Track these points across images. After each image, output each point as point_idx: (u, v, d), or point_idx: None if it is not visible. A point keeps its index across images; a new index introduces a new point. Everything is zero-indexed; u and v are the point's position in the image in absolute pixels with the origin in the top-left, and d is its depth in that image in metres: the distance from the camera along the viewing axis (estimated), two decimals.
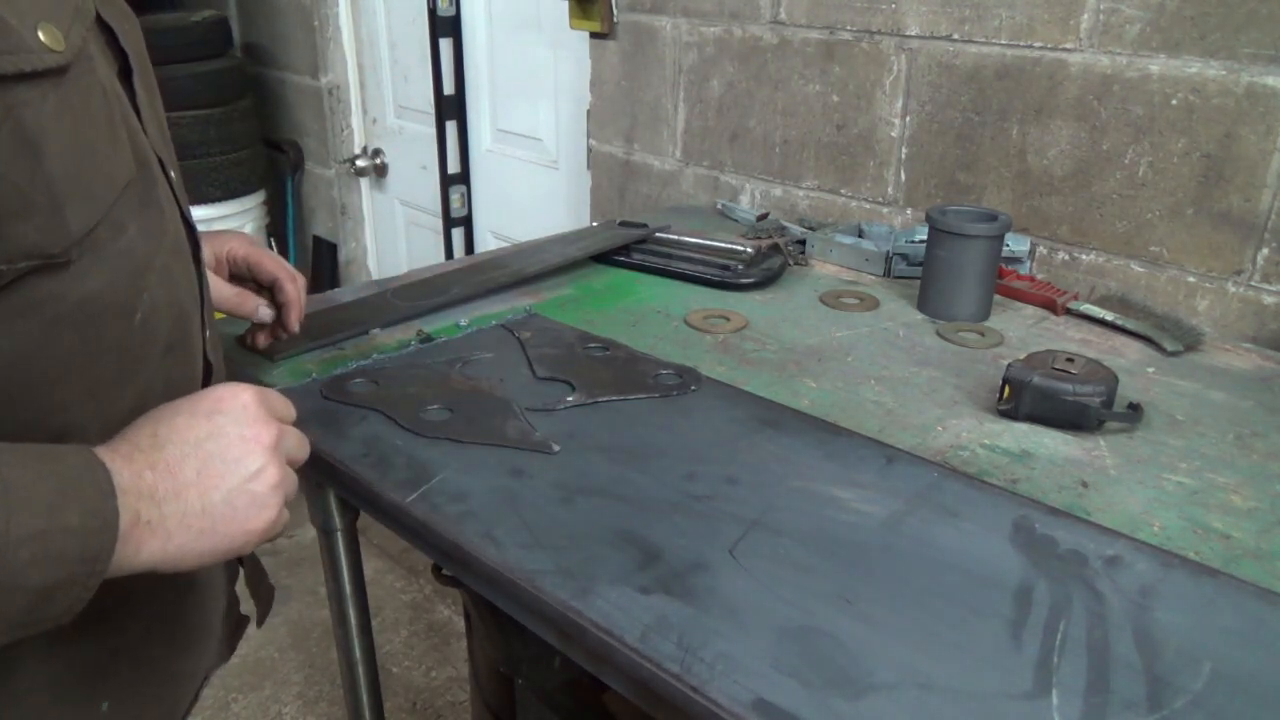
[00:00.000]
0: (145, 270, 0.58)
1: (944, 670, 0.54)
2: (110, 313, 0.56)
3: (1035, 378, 0.83)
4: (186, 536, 0.53)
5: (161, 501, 0.52)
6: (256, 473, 0.56)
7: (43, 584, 0.46)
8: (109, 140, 0.55)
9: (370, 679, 1.04)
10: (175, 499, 0.53)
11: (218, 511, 0.54)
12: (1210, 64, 1.04)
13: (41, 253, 0.50)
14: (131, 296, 0.57)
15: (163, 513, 0.52)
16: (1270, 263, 1.06)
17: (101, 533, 0.48)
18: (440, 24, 2.13)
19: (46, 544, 0.46)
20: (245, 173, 2.52)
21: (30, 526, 0.45)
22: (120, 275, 0.56)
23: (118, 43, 0.59)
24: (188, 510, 0.53)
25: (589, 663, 0.59)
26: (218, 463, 0.55)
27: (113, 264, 0.55)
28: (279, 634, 2.11)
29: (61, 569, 0.47)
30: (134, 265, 0.57)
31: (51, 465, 0.48)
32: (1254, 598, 0.61)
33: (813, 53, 1.40)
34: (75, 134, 0.51)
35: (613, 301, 1.13)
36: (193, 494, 0.53)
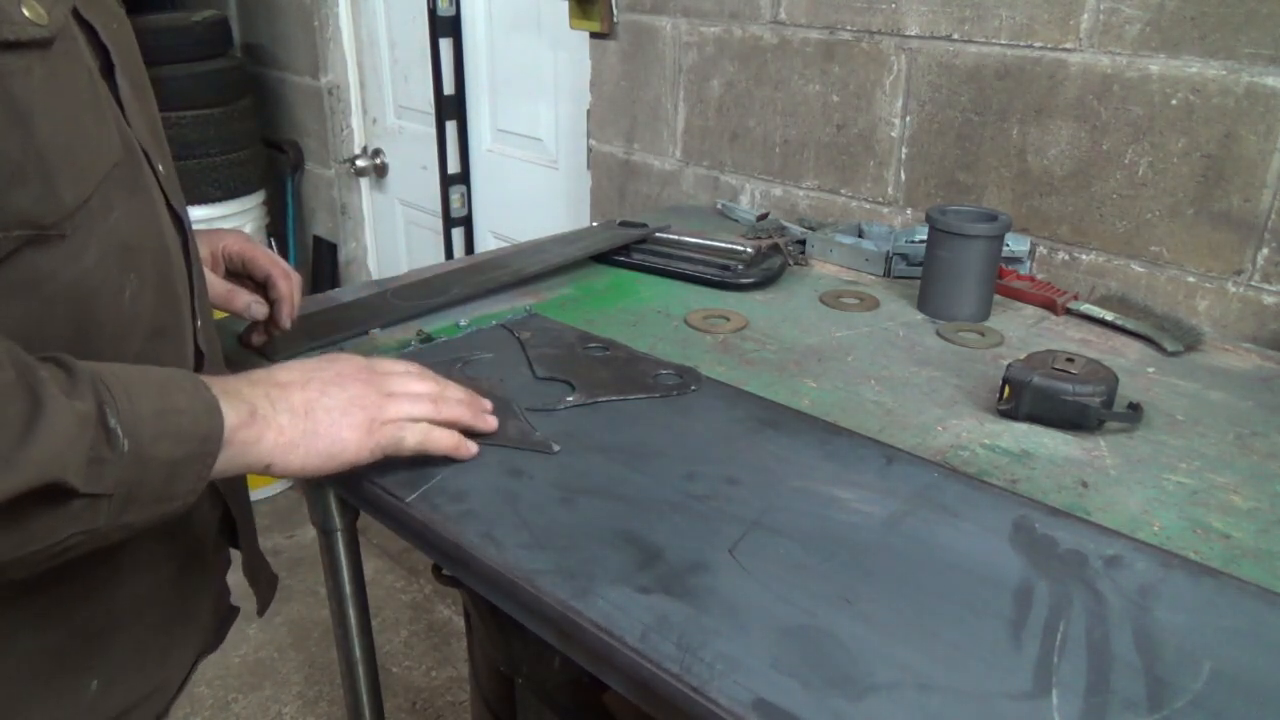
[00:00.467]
0: (133, 250, 0.60)
1: (944, 670, 0.54)
2: (101, 291, 0.58)
3: (1035, 378, 0.83)
4: (294, 433, 0.62)
5: (274, 402, 0.62)
6: (356, 396, 0.67)
7: (170, 457, 0.53)
8: (95, 118, 0.57)
9: (370, 679, 1.04)
10: (284, 399, 0.63)
11: (319, 415, 0.64)
12: (1210, 64, 1.04)
13: (36, 223, 0.53)
14: (120, 274, 0.59)
15: (275, 409, 0.62)
16: (1270, 263, 1.06)
17: (209, 414, 0.56)
18: (440, 24, 2.13)
19: (166, 421, 0.53)
20: (245, 173, 2.52)
21: (150, 406, 0.53)
22: (110, 253, 0.58)
23: (99, 40, 0.61)
24: (294, 409, 0.63)
25: (589, 663, 0.59)
26: (321, 383, 0.66)
27: (103, 241, 0.58)
28: (279, 634, 2.11)
29: (182, 445, 0.54)
30: (122, 243, 0.59)
31: (150, 369, 0.56)
32: (1254, 598, 0.61)
33: (813, 53, 1.40)
34: (63, 107, 0.54)
35: (613, 301, 1.13)
36: (298, 395, 0.64)
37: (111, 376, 0.52)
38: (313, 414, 0.64)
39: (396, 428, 0.68)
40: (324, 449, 0.64)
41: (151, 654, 0.70)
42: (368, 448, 0.67)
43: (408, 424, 0.69)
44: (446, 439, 0.72)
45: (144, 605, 0.69)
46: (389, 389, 0.69)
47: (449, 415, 0.73)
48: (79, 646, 0.64)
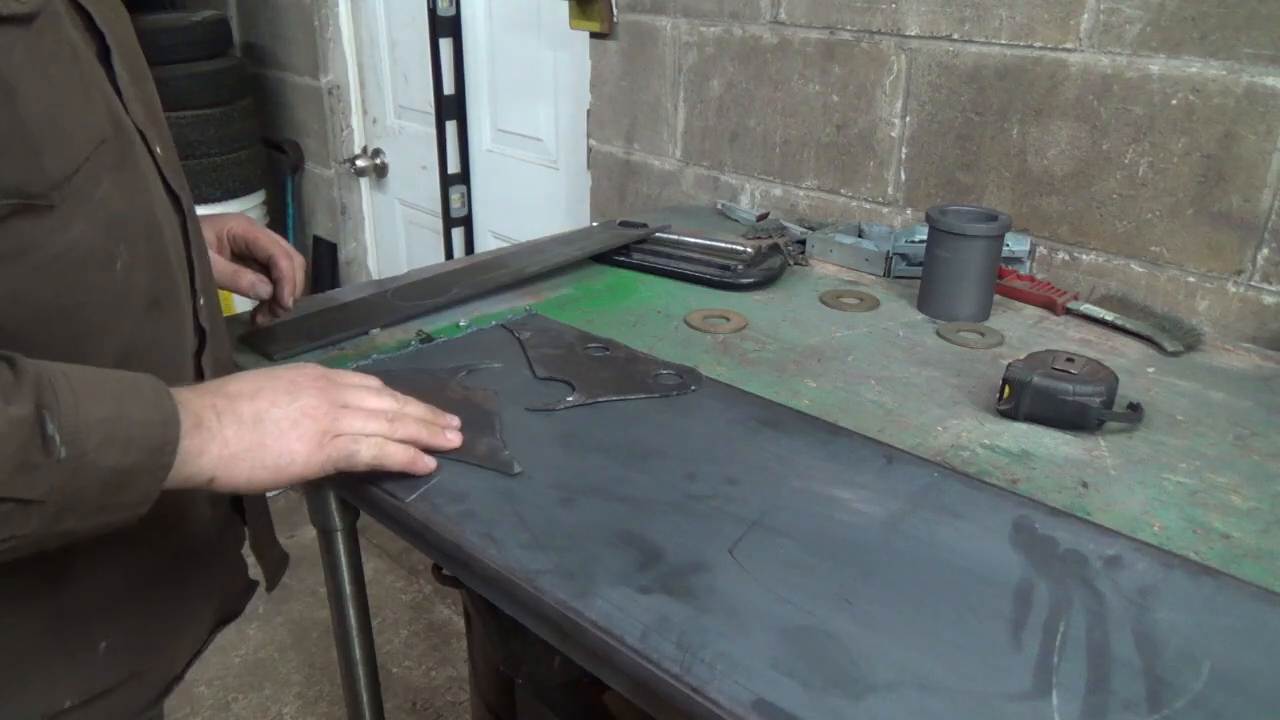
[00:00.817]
0: (123, 223, 0.62)
1: (944, 670, 0.54)
2: (90, 261, 0.59)
3: (1035, 378, 0.83)
4: (240, 445, 0.61)
5: (220, 413, 0.60)
6: (308, 407, 0.65)
7: (116, 466, 0.52)
8: (80, 95, 0.58)
9: (370, 679, 1.04)
10: (231, 410, 0.61)
11: (267, 427, 0.62)
12: (1210, 64, 1.04)
13: (22, 192, 0.54)
14: (110, 245, 0.61)
15: (221, 421, 0.60)
16: (1270, 263, 1.06)
17: (164, 425, 0.56)
18: (440, 24, 2.13)
19: (114, 429, 0.52)
20: (245, 173, 2.52)
21: (99, 413, 0.52)
22: (98, 225, 0.59)
23: (95, 24, 0.62)
24: (242, 420, 0.61)
25: (589, 663, 0.59)
26: (271, 392, 0.64)
27: (91, 214, 0.59)
28: (279, 634, 2.11)
29: (130, 455, 0.53)
30: (111, 216, 0.60)
31: (114, 373, 0.56)
32: (1254, 598, 0.61)
33: (813, 53, 1.40)
34: (45, 83, 0.55)
35: (613, 301, 1.13)
36: (246, 406, 0.62)
37: (63, 379, 0.52)
38: (261, 425, 0.62)
39: (349, 441, 0.66)
40: (271, 462, 0.62)
41: (158, 624, 0.72)
42: (318, 461, 0.65)
43: (362, 438, 0.67)
44: (401, 454, 0.70)
45: (148, 579, 0.70)
46: (344, 401, 0.67)
47: (405, 433, 0.70)
48: (91, 610, 0.66)
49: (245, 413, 0.62)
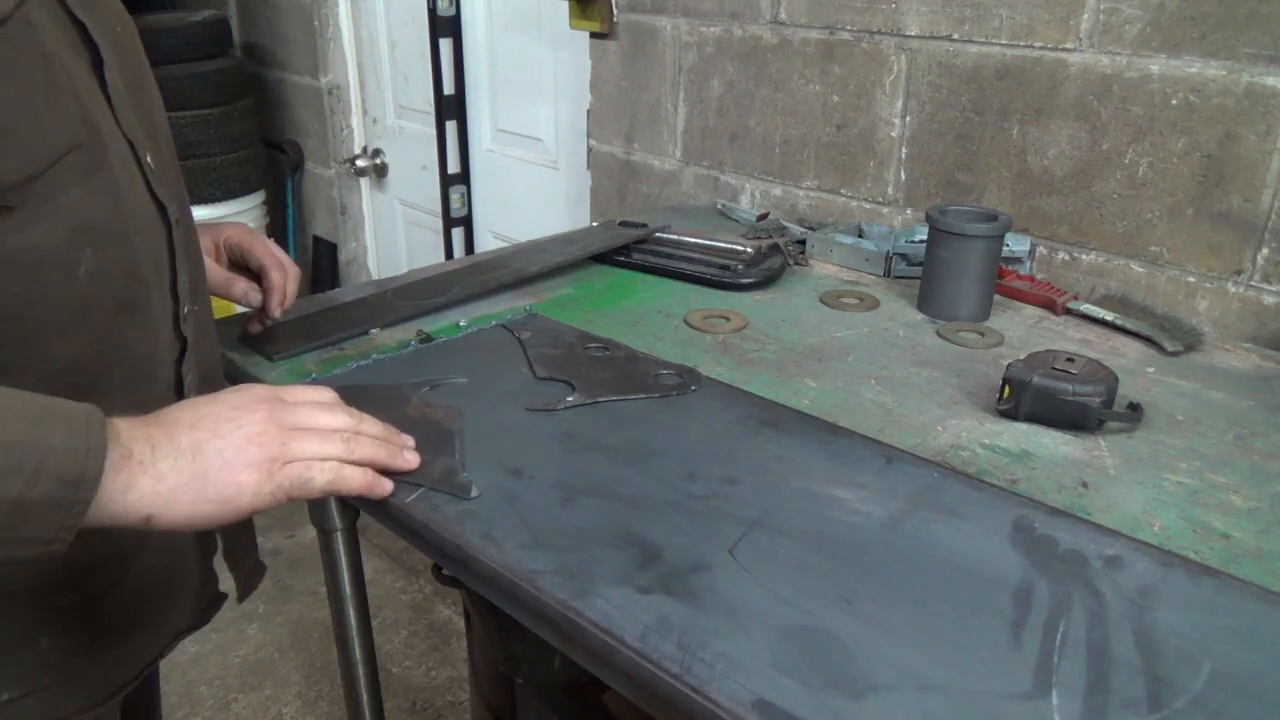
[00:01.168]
0: (90, 229, 0.61)
1: (944, 670, 0.54)
2: (49, 264, 0.59)
3: (1035, 378, 0.83)
4: (178, 479, 0.56)
5: (155, 445, 0.56)
6: (254, 434, 0.60)
7: (19, 496, 0.48)
8: (47, 102, 0.58)
9: (370, 679, 1.04)
10: (168, 441, 0.56)
11: (208, 458, 0.57)
12: (1210, 64, 1.04)
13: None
14: (74, 250, 0.60)
15: (155, 454, 0.55)
16: (1270, 263, 1.06)
17: (85, 457, 0.51)
18: (440, 24, 2.13)
19: (22, 455, 0.48)
20: (245, 173, 2.52)
21: (5, 436, 0.48)
22: (61, 229, 0.59)
23: (89, 36, 0.63)
24: (179, 451, 0.56)
25: (589, 663, 0.59)
26: (213, 420, 0.59)
27: (54, 217, 0.59)
28: (279, 634, 2.11)
29: (40, 486, 0.49)
30: (77, 223, 0.60)
31: (40, 399, 0.52)
32: (1254, 598, 0.61)
33: (813, 53, 1.40)
34: (7, 89, 0.55)
35: (613, 301, 1.13)
36: (184, 437, 0.57)
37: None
38: (201, 456, 0.57)
39: (302, 468, 0.62)
40: (215, 494, 0.57)
41: (107, 626, 0.71)
42: (268, 491, 0.60)
43: (315, 463, 0.62)
44: (358, 478, 0.66)
45: (97, 580, 0.69)
46: (294, 423, 0.63)
47: (362, 455, 0.66)
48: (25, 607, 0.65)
49: (183, 443, 0.57)
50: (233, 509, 0.59)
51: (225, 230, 0.92)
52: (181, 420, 0.58)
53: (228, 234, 0.92)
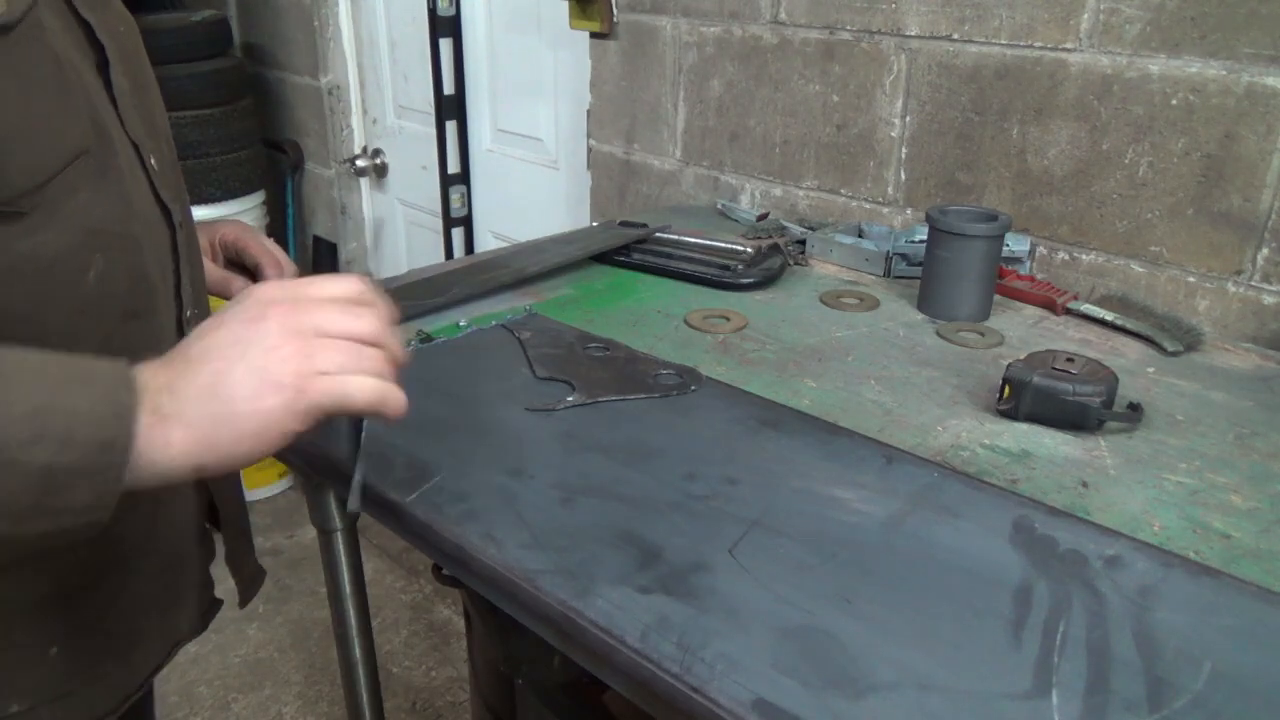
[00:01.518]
0: (100, 233, 0.61)
1: (944, 670, 0.54)
2: (58, 267, 0.58)
3: (1035, 378, 0.83)
4: (207, 423, 0.51)
5: (176, 391, 0.51)
6: (270, 349, 0.52)
7: (48, 463, 0.45)
8: (58, 105, 0.57)
9: (370, 679, 1.04)
10: (187, 383, 0.51)
11: (231, 389, 0.51)
12: (1210, 64, 1.04)
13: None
14: (84, 255, 0.60)
15: (178, 401, 0.51)
16: (1270, 263, 1.06)
17: (116, 420, 0.48)
18: (440, 24, 2.13)
19: (48, 422, 0.46)
20: (245, 173, 2.52)
21: (26, 405, 0.45)
22: (72, 234, 0.59)
23: (95, 36, 0.62)
24: (200, 391, 0.51)
25: (589, 663, 0.59)
26: (225, 346, 0.53)
27: (64, 222, 0.58)
28: (279, 634, 2.11)
29: (68, 452, 0.46)
30: (87, 227, 0.60)
31: (65, 360, 0.49)
32: (1254, 598, 0.61)
33: (813, 53, 1.40)
34: (18, 92, 0.54)
35: (613, 301, 1.13)
36: (201, 373, 0.52)
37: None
38: (222, 389, 0.51)
39: (337, 383, 0.54)
40: (250, 428, 0.52)
41: (117, 630, 0.70)
42: (301, 409, 0.53)
43: (350, 378, 0.55)
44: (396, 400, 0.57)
45: (118, 600, 0.69)
46: (315, 327, 0.55)
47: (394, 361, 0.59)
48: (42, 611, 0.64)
49: (202, 381, 0.51)
50: (273, 437, 0.53)
51: (220, 228, 0.92)
52: (193, 355, 0.53)
53: (223, 232, 0.91)
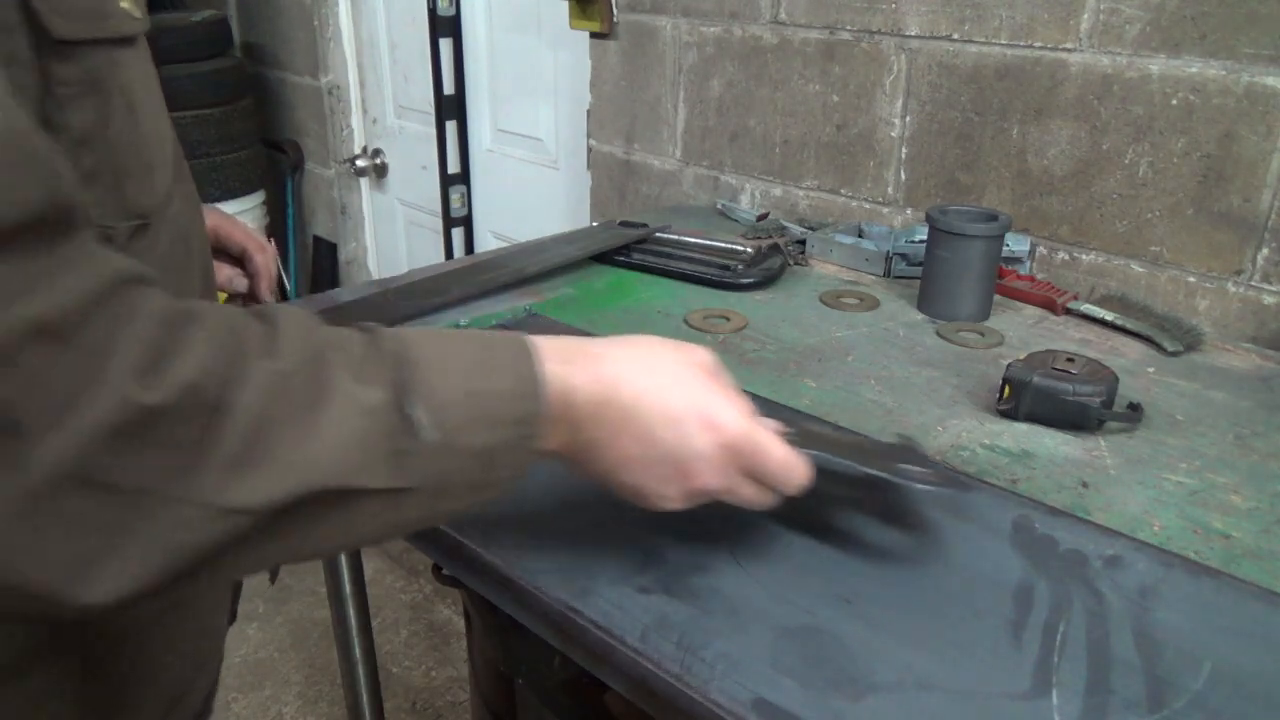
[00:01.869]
0: (189, 237, 0.60)
1: (944, 670, 0.54)
2: (171, 271, 0.57)
3: (1035, 378, 0.83)
4: (602, 458, 0.54)
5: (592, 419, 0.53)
6: (701, 463, 0.55)
7: (485, 445, 0.48)
8: (164, 109, 0.58)
9: (370, 679, 1.04)
10: (604, 417, 0.53)
11: (643, 475, 0.55)
12: (1210, 64, 1.04)
13: (141, 211, 0.52)
14: (185, 260, 0.59)
15: (590, 426, 0.53)
16: (1270, 263, 1.06)
17: (528, 398, 0.50)
18: (440, 24, 2.13)
19: (477, 406, 0.48)
20: (245, 173, 2.52)
21: (459, 388, 0.47)
22: (176, 240, 0.58)
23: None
24: (612, 441, 0.54)
25: (589, 663, 0.59)
26: (662, 423, 0.54)
27: (169, 229, 0.57)
28: (279, 634, 2.11)
29: (497, 432, 0.48)
30: (181, 231, 0.59)
31: (463, 335, 0.52)
32: (1254, 598, 0.61)
33: (813, 53, 1.40)
34: (151, 99, 0.54)
35: (613, 301, 1.13)
36: (627, 430, 0.54)
37: (420, 351, 0.48)
38: (635, 464, 0.55)
39: (720, 495, 0.57)
40: (630, 490, 0.56)
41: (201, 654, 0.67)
42: (669, 506, 0.57)
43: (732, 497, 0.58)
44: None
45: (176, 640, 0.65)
46: (745, 467, 0.56)
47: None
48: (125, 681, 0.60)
49: (621, 441, 0.54)
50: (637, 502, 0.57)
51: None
52: (625, 400, 0.54)
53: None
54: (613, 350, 0.56)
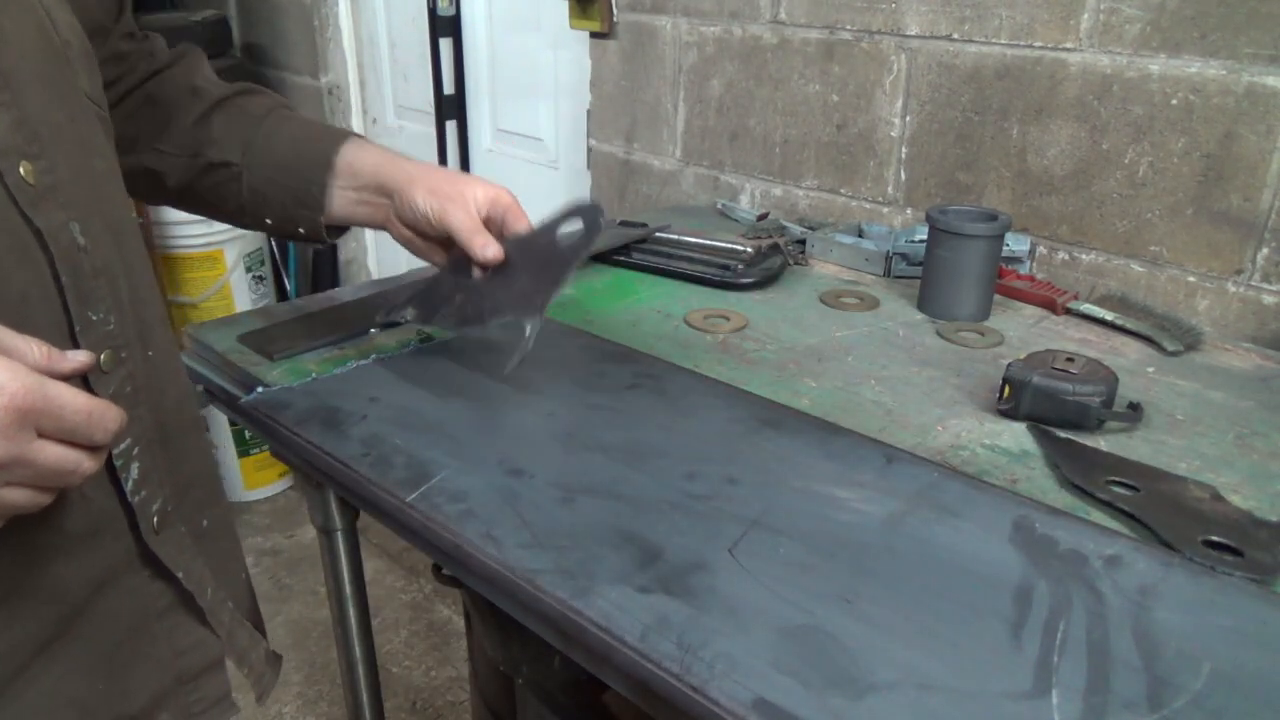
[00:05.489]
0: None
1: (944, 670, 0.54)
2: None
3: (1035, 377, 0.83)
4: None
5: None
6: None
7: None
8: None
9: (370, 679, 1.04)
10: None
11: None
12: (1210, 64, 1.04)
13: None
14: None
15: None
16: (1270, 263, 1.06)
17: None
18: (440, 24, 2.13)
19: None
20: None
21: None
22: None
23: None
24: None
25: (589, 663, 0.59)
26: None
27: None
28: (279, 634, 2.11)
29: None
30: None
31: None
32: (1254, 598, 0.61)
33: (813, 52, 1.40)
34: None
35: (613, 301, 1.13)
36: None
37: None
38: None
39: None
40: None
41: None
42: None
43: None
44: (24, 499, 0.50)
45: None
46: (45, 429, 0.49)
47: (50, 462, 0.50)
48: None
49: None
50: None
51: (482, 190, 0.89)
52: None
53: (482, 195, 0.89)
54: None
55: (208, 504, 0.72)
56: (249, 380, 0.90)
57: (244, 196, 0.87)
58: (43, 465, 0.49)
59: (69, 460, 0.50)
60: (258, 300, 2.51)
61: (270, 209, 0.88)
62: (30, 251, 0.54)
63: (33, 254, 0.54)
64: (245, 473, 2.56)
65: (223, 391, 0.93)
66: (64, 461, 0.50)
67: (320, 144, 0.89)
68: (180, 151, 0.86)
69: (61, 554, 0.58)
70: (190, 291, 2.41)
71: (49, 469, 0.49)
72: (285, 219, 0.88)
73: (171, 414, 0.66)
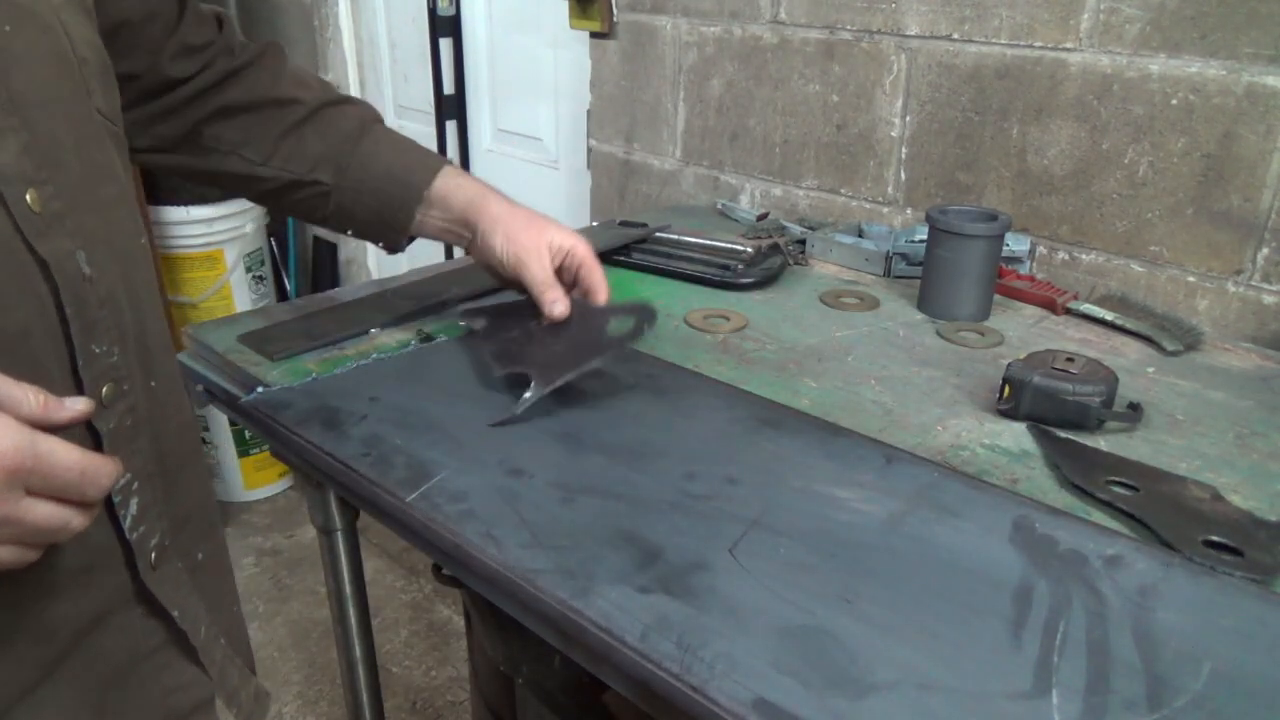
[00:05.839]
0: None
1: (944, 670, 0.54)
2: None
3: (1035, 377, 0.83)
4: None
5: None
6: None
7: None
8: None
9: (370, 679, 1.04)
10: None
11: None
12: (1210, 64, 1.04)
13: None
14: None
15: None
16: (1270, 263, 1.06)
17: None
18: (440, 24, 2.13)
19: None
20: None
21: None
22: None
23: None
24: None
25: (589, 663, 0.59)
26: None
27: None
28: (279, 634, 2.11)
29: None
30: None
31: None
32: (1254, 598, 0.61)
33: (813, 52, 1.40)
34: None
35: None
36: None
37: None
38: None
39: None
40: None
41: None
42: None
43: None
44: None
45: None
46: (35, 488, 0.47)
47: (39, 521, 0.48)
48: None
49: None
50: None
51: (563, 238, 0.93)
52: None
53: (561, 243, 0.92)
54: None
55: (204, 537, 0.70)
56: (249, 380, 0.90)
57: (329, 210, 0.90)
58: (30, 524, 0.48)
59: (57, 518, 0.49)
60: (258, 300, 2.51)
61: (354, 223, 0.92)
62: (34, 283, 0.52)
63: (36, 286, 0.53)
64: (245, 473, 2.56)
65: (223, 391, 0.93)
66: (52, 520, 0.49)
67: (415, 175, 0.91)
68: (265, 161, 0.87)
69: (54, 592, 0.56)
70: (190, 291, 2.41)
71: (37, 528, 0.48)
72: (368, 234, 0.94)
73: (172, 443, 0.65)
